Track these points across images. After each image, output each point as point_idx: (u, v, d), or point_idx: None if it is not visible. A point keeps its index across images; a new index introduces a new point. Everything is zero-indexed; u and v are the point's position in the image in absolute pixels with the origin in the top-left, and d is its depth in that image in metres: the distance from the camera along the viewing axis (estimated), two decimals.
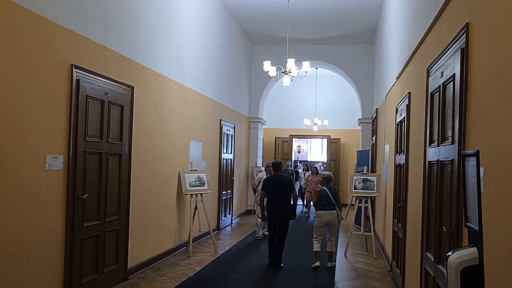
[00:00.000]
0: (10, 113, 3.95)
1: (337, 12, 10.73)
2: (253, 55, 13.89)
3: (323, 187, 7.36)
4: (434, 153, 3.93)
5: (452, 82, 3.37)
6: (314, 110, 16.91)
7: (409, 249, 5.28)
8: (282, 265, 7.16)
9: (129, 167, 6.06)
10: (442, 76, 3.70)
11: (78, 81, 4.87)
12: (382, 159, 8.96)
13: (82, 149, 4.99)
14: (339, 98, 17.34)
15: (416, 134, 5.06)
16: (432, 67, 4.17)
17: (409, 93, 5.62)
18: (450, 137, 3.38)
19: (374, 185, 8.34)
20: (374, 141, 11.02)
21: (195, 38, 8.77)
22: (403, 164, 5.86)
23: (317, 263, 7.12)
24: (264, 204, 7.51)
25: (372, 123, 12.46)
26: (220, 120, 10.51)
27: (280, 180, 7.34)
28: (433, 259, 3.80)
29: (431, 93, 4.14)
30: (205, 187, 8.17)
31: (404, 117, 5.92)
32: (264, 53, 13.46)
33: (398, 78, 6.88)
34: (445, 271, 3.23)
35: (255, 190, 9.71)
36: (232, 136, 11.57)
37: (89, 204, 5.19)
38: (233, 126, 11.67)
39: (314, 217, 7.33)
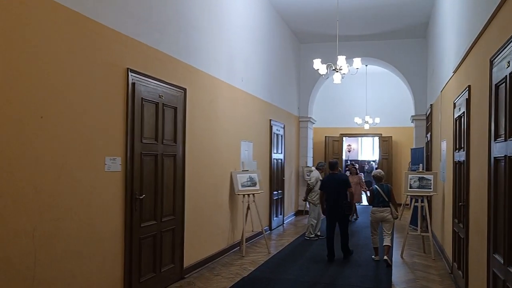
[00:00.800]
0: (72, 117, 4.09)
1: (387, 5, 10.45)
2: (301, 54, 13.79)
3: (375, 185, 7.74)
4: (501, 148, 3.71)
5: None
6: (364, 108, 16.57)
7: (473, 251, 5.04)
8: (351, 250, 7.94)
9: (183, 167, 6.15)
10: (509, 66, 3.49)
11: (133, 84, 4.98)
12: (439, 156, 8.63)
13: (138, 151, 5.10)
14: (391, 95, 16.90)
15: (478, 129, 4.83)
16: (496, 57, 3.95)
17: (469, 86, 5.36)
18: None
19: (430, 183, 8.03)
20: (429, 138, 10.64)
21: (245, 39, 8.80)
22: (463, 161, 5.61)
23: (377, 257, 7.60)
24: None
25: (426, 120, 12.05)
26: (270, 120, 10.50)
27: (336, 179, 7.86)
28: (502, 261, 3.59)
29: (495, 84, 3.92)
30: (257, 187, 8.17)
31: (463, 112, 5.67)
32: (312, 52, 13.33)
33: (455, 71, 6.60)
34: None
35: (310, 190, 9.56)
36: (282, 136, 11.53)
37: (146, 205, 5.30)
38: (283, 126, 11.62)
39: (370, 213, 7.79)
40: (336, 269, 7.11)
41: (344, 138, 18.27)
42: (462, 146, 5.76)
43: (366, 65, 15.42)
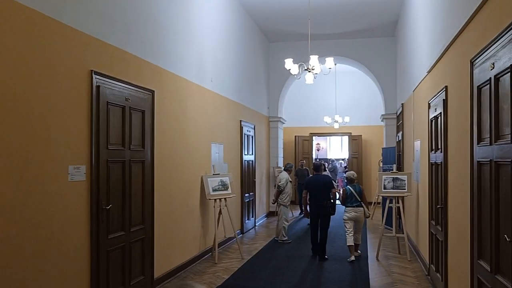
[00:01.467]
0: (30, 124, 3.74)
1: (356, 3, 10.38)
2: (271, 53, 13.60)
3: (348, 186, 8.10)
4: (485, 152, 3.60)
5: (509, 74, 3.05)
6: (334, 107, 16.55)
7: (454, 255, 4.95)
8: (326, 257, 7.87)
9: (152, 173, 5.84)
10: (494, 67, 3.37)
11: (98, 87, 4.65)
12: (412, 156, 8.60)
13: (104, 158, 4.77)
14: (360, 94, 16.96)
15: (457, 131, 4.73)
16: (477, 58, 3.84)
17: (446, 87, 5.28)
18: (509, 135, 3.05)
19: (405, 184, 7.98)
20: (400, 138, 10.65)
21: (214, 39, 8.52)
22: (441, 162, 5.53)
23: (352, 257, 7.73)
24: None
25: (397, 119, 12.09)
26: (241, 121, 10.26)
27: (320, 180, 8.11)
28: (489, 269, 3.48)
29: (477, 86, 3.81)
30: (229, 191, 7.92)
31: (440, 113, 5.59)
32: (281, 50, 13.19)
33: (429, 71, 6.53)
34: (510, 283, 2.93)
35: (280, 192, 9.40)
36: (252, 137, 11.31)
37: (114, 215, 4.97)
38: (253, 127, 11.40)
39: (343, 213, 8.01)
40: (312, 274, 6.95)
41: (314, 138, 18.23)
42: (439, 147, 5.68)
43: (336, 64, 15.36)
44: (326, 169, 19.80)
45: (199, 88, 7.66)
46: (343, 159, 23.83)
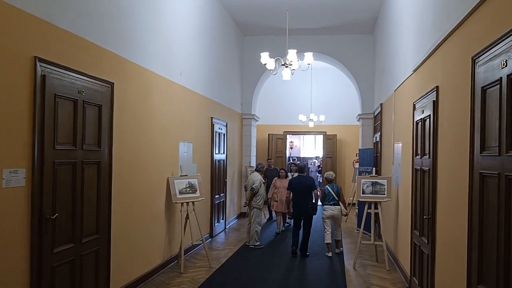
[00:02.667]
0: None
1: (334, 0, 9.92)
2: (245, 47, 13.01)
3: (326, 186, 8.53)
4: (491, 163, 3.12)
5: None
6: (309, 105, 16.09)
7: (443, 272, 4.49)
8: (308, 254, 8.25)
9: (109, 176, 5.18)
10: (506, 65, 2.88)
11: (43, 77, 3.97)
12: (391, 159, 8.18)
13: (50, 160, 4.10)
14: (337, 93, 16.57)
15: (451, 137, 4.27)
16: (481, 56, 3.36)
17: (437, 87, 4.81)
18: None
19: (384, 189, 7.55)
20: (378, 139, 10.24)
21: (185, 29, 7.88)
22: (428, 169, 5.07)
23: (330, 253, 8.20)
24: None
25: (374, 119, 11.69)
26: (212, 118, 9.64)
27: (303, 181, 8.45)
28: None
29: (482, 87, 3.32)
30: (197, 194, 7.32)
31: (428, 115, 5.12)
32: (256, 45, 12.62)
33: (416, 70, 6.08)
34: None
35: (255, 194, 8.88)
36: (224, 135, 10.71)
37: (61, 225, 4.31)
38: (225, 124, 10.80)
39: (322, 211, 8.41)
40: (286, 283, 6.42)
41: (288, 136, 17.75)
42: (426, 152, 5.23)
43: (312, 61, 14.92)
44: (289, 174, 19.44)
45: (167, 81, 7.02)
46: (316, 157, 23.50)
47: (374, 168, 8.38)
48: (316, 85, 16.26)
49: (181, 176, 7.25)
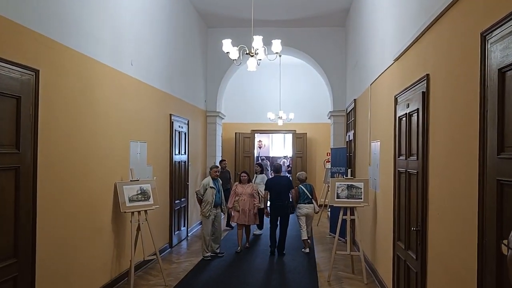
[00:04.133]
0: None
1: None
2: (209, 40, 12.10)
3: (300, 185, 8.82)
4: None
5: None
6: (278, 102, 15.31)
7: None
8: (284, 252, 8.41)
9: (33, 185, 4.20)
10: None
11: None
12: (367, 160, 7.47)
13: None
14: (306, 89, 15.84)
15: (448, 134, 3.52)
16: (496, 30, 2.62)
17: (427, 75, 4.07)
18: None
19: (361, 192, 6.82)
20: (351, 137, 9.54)
21: (138, 14, 6.94)
22: (417, 172, 4.34)
23: (307, 249, 8.55)
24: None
25: (346, 116, 11.01)
26: (171, 115, 8.70)
27: (280, 181, 8.63)
28: None
29: (499, 70, 2.57)
30: (150, 201, 6.40)
31: (416, 110, 4.39)
32: (221, 37, 11.49)
33: (397, 58, 5.35)
34: None
35: (200, 200, 8.05)
36: (185, 133, 9.79)
37: None
38: (186, 122, 9.88)
39: (296, 209, 8.66)
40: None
41: (256, 135, 16.94)
42: (414, 153, 4.49)
43: (280, 55, 14.13)
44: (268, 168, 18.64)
45: (115, 72, 6.07)
46: (285, 157, 22.80)
47: (349, 170, 7.63)
48: (285, 82, 15.49)
49: (131, 181, 6.31)
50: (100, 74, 5.63)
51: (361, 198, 6.79)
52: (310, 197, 8.68)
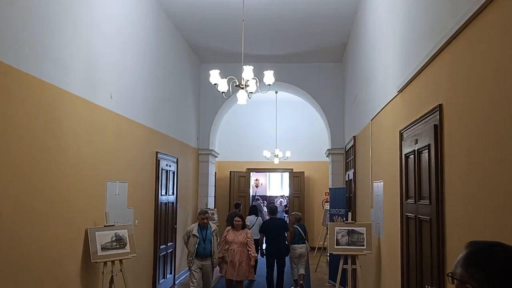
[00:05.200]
0: None
1: (300, 21, 8.76)
2: (202, 75, 11.62)
3: (295, 225, 8.82)
4: None
5: None
6: (274, 140, 14.74)
7: None
8: None
9: None
10: None
11: None
12: (369, 202, 6.80)
13: None
14: (303, 126, 15.30)
15: (471, 174, 2.90)
16: None
17: (440, 106, 3.49)
18: None
19: (363, 238, 6.12)
20: (351, 177, 8.90)
21: (120, 45, 6.45)
22: (430, 219, 3.68)
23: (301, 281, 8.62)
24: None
25: (345, 154, 10.41)
26: (157, 153, 8.09)
27: (275, 223, 8.57)
28: None
29: None
30: (126, 249, 5.69)
31: (426, 146, 3.78)
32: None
33: (401, 90, 4.79)
34: None
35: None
36: (174, 172, 9.15)
37: None
38: (175, 160, 9.26)
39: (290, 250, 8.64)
40: None
41: (251, 173, 16.28)
42: (425, 195, 3.85)
43: (276, 92, 13.73)
44: (263, 208, 17.77)
45: (88, 104, 5.49)
46: (282, 196, 22.04)
47: (349, 213, 6.95)
48: (281, 119, 14.97)
49: (106, 226, 5.62)
50: (69, 105, 5.05)
51: (364, 245, 6.09)
52: (304, 237, 8.76)
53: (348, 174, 9.59)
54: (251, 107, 15.20)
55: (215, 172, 14.20)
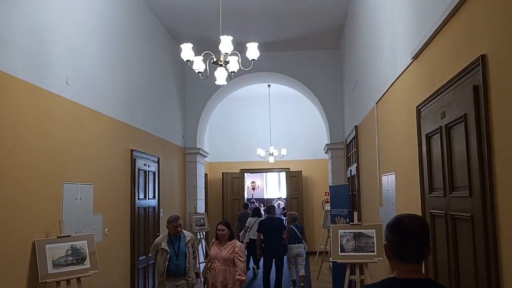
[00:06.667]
0: None
1: (290, 4, 7.79)
2: (187, 67, 10.61)
3: (291, 225, 8.81)
4: None
5: None
6: (268, 138, 13.74)
7: None
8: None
9: None
10: None
11: None
12: (378, 198, 5.82)
13: None
14: (299, 122, 14.29)
15: None
16: None
17: (482, 58, 2.51)
18: None
19: (373, 243, 5.12)
20: (354, 172, 7.91)
21: (77, 21, 5.45)
22: (471, 216, 2.70)
23: (302, 283, 8.61)
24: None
25: (346, 148, 9.43)
26: (132, 150, 7.08)
27: (272, 222, 8.46)
28: None
29: None
30: (86, 264, 4.67)
31: (461, 117, 2.80)
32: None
33: (418, 55, 3.82)
34: None
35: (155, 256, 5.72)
36: (154, 173, 8.13)
37: None
38: (156, 160, 8.24)
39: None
40: None
41: (245, 174, 15.26)
42: (461, 185, 2.87)
43: (269, 85, 12.76)
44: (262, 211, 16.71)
45: (35, 90, 4.49)
46: (279, 199, 21.03)
47: (355, 213, 5.94)
48: (275, 115, 13.97)
49: (59, 237, 4.61)
50: (9, 90, 4.06)
51: (374, 251, 5.08)
52: (301, 237, 8.71)
53: (350, 170, 8.61)
54: (242, 103, 14.27)
55: (206, 174, 13.22)
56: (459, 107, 2.86)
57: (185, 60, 5.01)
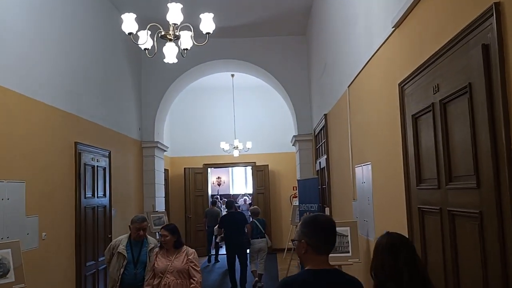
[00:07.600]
0: None
1: None
2: (143, 53, 9.80)
3: (253, 220, 8.79)
4: None
5: None
6: (233, 130, 13.05)
7: None
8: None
9: None
10: None
11: None
12: (351, 192, 5.25)
13: None
14: (264, 114, 13.61)
15: None
16: None
17: (496, 5, 1.92)
18: None
19: (347, 242, 4.54)
20: (324, 164, 7.35)
21: None
22: (479, 213, 2.12)
23: (261, 284, 8.54)
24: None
25: (315, 140, 8.87)
26: (76, 143, 6.27)
27: (234, 217, 8.52)
28: None
29: None
30: (9, 278, 3.89)
31: (464, 88, 2.22)
32: (160, 50, 9.47)
33: (399, 23, 3.23)
34: None
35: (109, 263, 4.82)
36: (105, 169, 7.33)
37: None
38: (106, 154, 7.44)
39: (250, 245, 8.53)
40: None
41: (209, 169, 14.51)
42: (464, 174, 2.29)
43: (233, 75, 12.06)
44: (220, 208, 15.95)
45: None
46: (245, 194, 20.41)
47: (327, 208, 5.36)
48: (239, 106, 13.24)
49: None
50: None
51: (348, 251, 4.51)
52: (263, 231, 8.68)
53: (320, 162, 8.05)
54: (205, 94, 13.53)
55: (167, 170, 12.44)
56: (459, 76, 2.28)
57: (127, 32, 4.24)
